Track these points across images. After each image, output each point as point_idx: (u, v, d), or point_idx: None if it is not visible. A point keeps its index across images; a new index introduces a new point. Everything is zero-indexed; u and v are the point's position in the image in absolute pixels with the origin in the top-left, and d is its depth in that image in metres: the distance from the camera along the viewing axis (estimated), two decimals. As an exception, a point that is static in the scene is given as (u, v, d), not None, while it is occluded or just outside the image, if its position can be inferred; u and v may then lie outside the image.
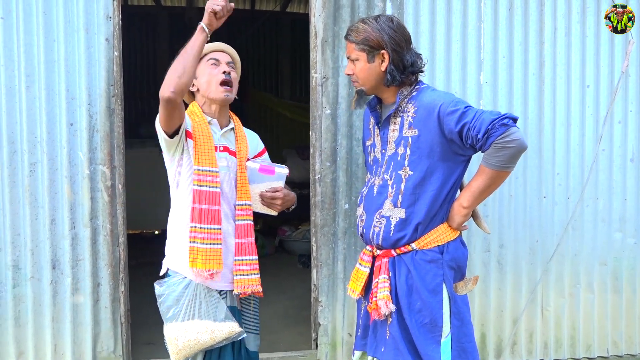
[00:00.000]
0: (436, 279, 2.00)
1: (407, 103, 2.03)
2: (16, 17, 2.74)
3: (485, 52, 3.19)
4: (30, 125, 2.78)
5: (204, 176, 2.09)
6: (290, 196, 2.23)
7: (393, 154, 2.03)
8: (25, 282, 2.81)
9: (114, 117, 2.85)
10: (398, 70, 2.01)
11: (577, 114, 3.31)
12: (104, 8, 2.81)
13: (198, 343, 2.08)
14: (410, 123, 1.99)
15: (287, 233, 6.21)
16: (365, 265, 2.11)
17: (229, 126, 2.24)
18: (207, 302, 2.10)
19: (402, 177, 2.00)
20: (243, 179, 2.18)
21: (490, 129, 1.87)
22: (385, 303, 1.99)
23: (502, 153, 1.88)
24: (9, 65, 2.75)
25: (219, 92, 2.16)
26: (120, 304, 2.90)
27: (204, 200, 2.08)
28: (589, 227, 3.35)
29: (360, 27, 2.02)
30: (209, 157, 2.10)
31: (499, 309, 3.27)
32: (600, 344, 3.41)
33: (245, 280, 2.14)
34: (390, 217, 2.01)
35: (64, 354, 2.85)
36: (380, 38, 1.98)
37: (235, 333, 2.11)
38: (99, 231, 2.85)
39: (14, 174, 2.78)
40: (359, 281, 2.12)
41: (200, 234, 2.07)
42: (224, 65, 2.19)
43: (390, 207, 2.01)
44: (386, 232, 2.02)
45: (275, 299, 4.46)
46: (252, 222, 2.19)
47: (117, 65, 2.85)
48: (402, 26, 2.06)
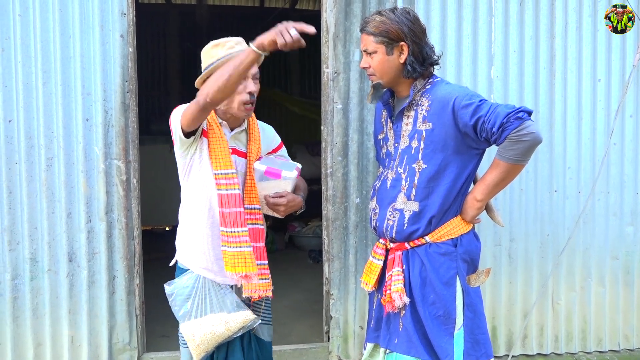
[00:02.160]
0: (450, 271, 2.01)
1: (421, 96, 2.04)
2: (33, 14, 2.79)
3: (496, 46, 3.20)
4: (47, 121, 2.83)
5: (221, 179, 2.06)
6: (295, 201, 2.13)
7: (406, 148, 2.04)
8: (43, 275, 2.86)
9: (129, 112, 2.89)
10: (418, 62, 2.01)
11: (588, 108, 3.31)
12: (119, 5, 2.85)
13: (214, 335, 2.08)
14: (424, 116, 2.00)
15: (297, 229, 6.24)
16: (379, 258, 2.13)
17: (240, 127, 2.17)
18: (217, 295, 2.12)
19: (416, 170, 2.00)
20: (252, 182, 2.14)
21: (505, 122, 1.88)
22: (399, 295, 2.00)
23: (517, 146, 1.89)
24: (26, 62, 2.80)
25: (240, 110, 2.07)
26: (135, 297, 2.95)
27: (225, 204, 2.05)
28: (600, 221, 3.35)
29: (378, 19, 2.01)
30: (223, 159, 2.07)
31: (510, 303, 3.29)
32: (612, 337, 3.41)
33: (254, 285, 2.12)
34: (404, 210, 2.02)
35: (80, 345, 2.90)
36: (400, 30, 1.98)
37: (250, 320, 2.11)
38: (114, 225, 2.90)
39: (31, 169, 2.83)
40: (373, 274, 2.13)
41: (226, 237, 2.05)
42: (251, 82, 2.05)
43: (404, 200, 2.02)
44: (400, 225, 2.03)
45: (286, 292, 4.50)
46: (262, 227, 2.14)
47: (131, 62, 2.89)
48: (418, 18, 2.06)
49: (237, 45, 2.08)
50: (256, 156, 2.18)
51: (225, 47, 2.06)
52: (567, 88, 3.28)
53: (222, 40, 2.09)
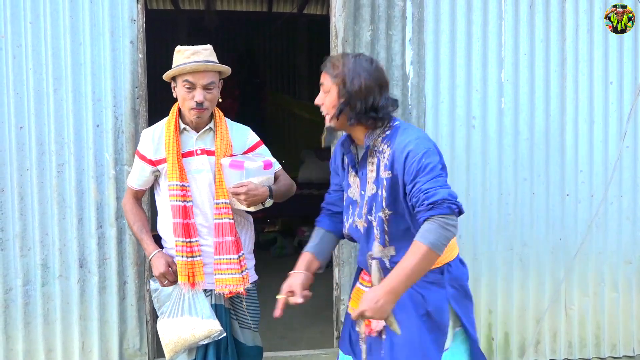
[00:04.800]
0: (439, 297, 1.97)
1: (382, 143, 1.94)
2: (44, 21, 2.81)
3: (506, 49, 3.18)
4: (58, 127, 2.84)
5: (173, 191, 2.18)
6: (258, 191, 2.14)
7: (373, 195, 1.95)
8: (54, 281, 2.87)
9: (139, 118, 2.90)
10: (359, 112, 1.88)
11: (600, 111, 3.28)
12: (129, 11, 2.86)
13: (180, 339, 2.17)
14: (385, 165, 1.91)
15: (306, 233, 6.23)
16: (366, 285, 2.09)
17: (205, 127, 2.25)
18: (193, 299, 2.19)
19: (383, 218, 1.93)
20: (220, 177, 2.20)
21: (440, 203, 1.75)
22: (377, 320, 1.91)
23: (441, 232, 1.74)
24: (37, 69, 2.81)
25: (190, 115, 2.19)
26: (146, 302, 2.95)
27: (176, 215, 2.17)
28: (613, 225, 3.32)
29: (335, 58, 1.93)
30: (177, 171, 2.17)
31: (522, 308, 3.25)
32: (626, 343, 3.37)
33: (223, 280, 2.18)
34: (382, 257, 1.97)
35: (91, 352, 2.91)
36: (354, 72, 1.87)
37: (215, 332, 2.16)
38: (125, 230, 2.90)
39: (42, 175, 2.84)
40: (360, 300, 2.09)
41: (180, 247, 2.17)
42: (199, 91, 2.15)
43: (380, 248, 1.96)
44: (384, 269, 1.97)
45: (296, 298, 4.47)
46: (231, 221, 2.19)
47: (141, 67, 2.90)
48: (381, 70, 1.95)
49: (192, 56, 2.17)
50: (225, 153, 2.23)
51: (184, 56, 2.18)
52: (578, 91, 3.25)
53: (182, 48, 2.21)
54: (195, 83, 2.15)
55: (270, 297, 2.06)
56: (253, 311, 2.33)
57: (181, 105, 2.22)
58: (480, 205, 3.19)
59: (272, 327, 3.66)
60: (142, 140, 2.29)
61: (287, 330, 3.83)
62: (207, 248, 2.22)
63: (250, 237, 2.36)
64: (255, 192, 2.15)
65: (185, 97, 2.17)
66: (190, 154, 2.23)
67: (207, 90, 2.17)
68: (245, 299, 2.29)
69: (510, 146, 3.20)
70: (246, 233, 2.33)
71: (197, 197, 2.22)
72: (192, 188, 2.21)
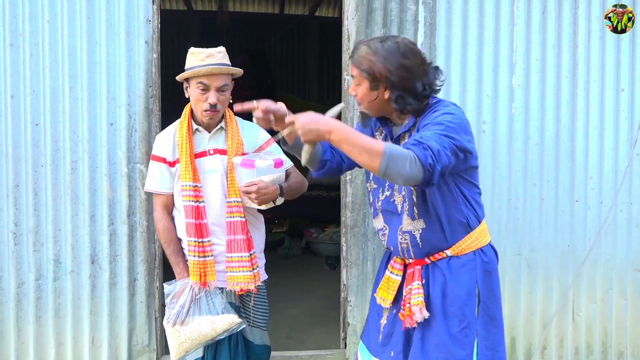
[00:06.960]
0: (471, 280, 1.99)
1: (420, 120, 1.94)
2: (61, 20, 2.85)
3: (518, 54, 3.18)
4: (73, 125, 2.89)
5: (186, 191, 2.21)
6: (269, 189, 2.18)
7: None
8: (65, 276, 2.91)
9: (152, 117, 2.94)
10: (408, 99, 1.87)
11: (611, 118, 3.27)
12: (144, 12, 2.90)
13: (200, 335, 2.19)
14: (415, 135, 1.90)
15: (314, 235, 6.25)
16: (397, 274, 2.07)
17: (217, 127, 2.29)
18: (207, 297, 2.23)
19: (412, 189, 1.95)
20: (232, 176, 2.23)
21: (426, 149, 1.72)
22: (419, 309, 1.95)
23: (403, 161, 1.69)
24: (54, 67, 2.86)
25: (203, 117, 2.25)
26: (155, 299, 2.98)
27: (189, 215, 2.20)
28: (623, 232, 3.31)
29: (364, 52, 1.86)
30: (190, 172, 2.20)
31: (529, 313, 3.25)
32: (634, 350, 3.35)
33: (235, 277, 2.22)
34: (413, 231, 1.98)
35: (100, 346, 2.94)
36: (384, 69, 1.82)
37: (235, 324, 2.21)
38: (136, 228, 2.94)
39: (56, 172, 2.88)
40: (391, 289, 2.08)
41: (193, 247, 2.21)
42: (212, 93, 2.20)
43: (409, 221, 1.98)
44: (415, 246, 1.99)
45: (303, 298, 4.50)
46: (243, 219, 2.23)
47: (155, 67, 2.93)
48: (411, 50, 1.88)
49: (207, 59, 2.20)
50: (236, 152, 2.26)
51: (198, 58, 2.22)
52: (589, 97, 3.25)
53: (196, 50, 2.25)
54: (209, 85, 2.20)
55: (277, 298, 2.11)
56: (262, 310, 2.36)
57: (194, 106, 2.26)
58: (489, 209, 3.18)
59: (278, 327, 3.69)
60: (157, 144, 2.33)
61: (294, 330, 3.86)
62: (219, 247, 2.25)
63: (261, 236, 2.39)
64: (266, 191, 2.18)
65: (199, 99, 2.22)
66: (203, 154, 2.27)
67: (220, 92, 2.22)
68: (255, 297, 2.32)
69: (520, 151, 3.20)
70: (257, 232, 2.36)
71: (210, 197, 2.25)
72: (205, 188, 2.24)
